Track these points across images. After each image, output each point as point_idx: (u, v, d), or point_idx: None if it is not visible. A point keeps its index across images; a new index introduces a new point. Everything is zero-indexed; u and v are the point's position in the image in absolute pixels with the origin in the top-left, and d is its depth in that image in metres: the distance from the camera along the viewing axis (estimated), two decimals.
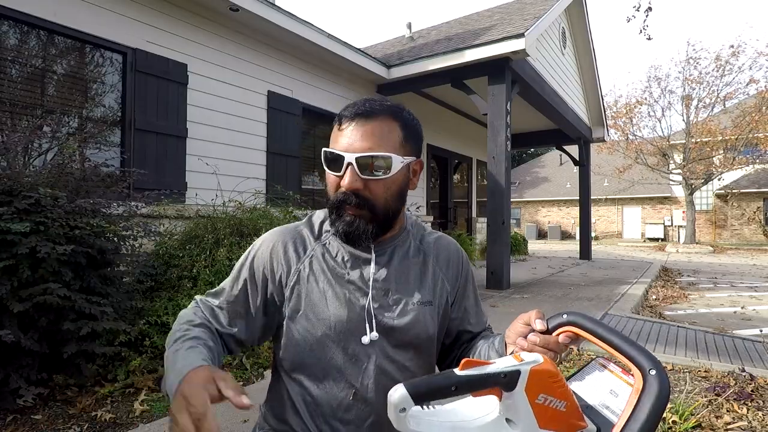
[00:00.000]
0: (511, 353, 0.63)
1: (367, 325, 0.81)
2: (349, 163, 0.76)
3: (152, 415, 2.06)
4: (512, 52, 5.34)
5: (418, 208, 7.44)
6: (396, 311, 0.83)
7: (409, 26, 9.20)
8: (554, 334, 0.66)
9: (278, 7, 4.90)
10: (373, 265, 0.85)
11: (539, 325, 0.68)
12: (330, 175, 0.81)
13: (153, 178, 3.89)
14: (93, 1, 3.63)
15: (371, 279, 0.84)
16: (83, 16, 3.57)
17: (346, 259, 0.85)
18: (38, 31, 3.43)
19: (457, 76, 5.93)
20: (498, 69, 5.58)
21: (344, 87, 6.24)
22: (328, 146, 0.82)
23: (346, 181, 0.77)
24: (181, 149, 4.23)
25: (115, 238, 2.51)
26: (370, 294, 0.83)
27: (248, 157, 4.90)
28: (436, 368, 0.94)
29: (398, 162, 0.79)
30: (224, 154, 4.61)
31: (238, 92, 4.81)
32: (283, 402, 0.86)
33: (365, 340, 0.80)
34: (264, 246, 0.89)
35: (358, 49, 5.99)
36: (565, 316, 0.66)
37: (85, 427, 1.92)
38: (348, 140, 0.78)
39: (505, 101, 5.49)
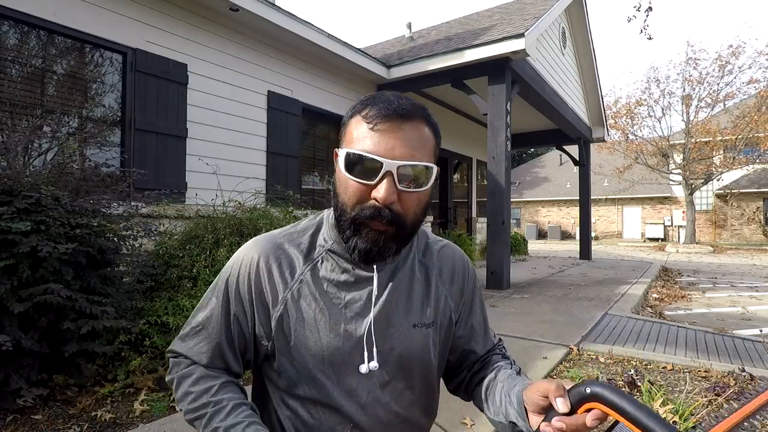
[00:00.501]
0: None
1: (366, 354, 0.73)
2: (389, 172, 0.65)
3: (152, 415, 2.06)
4: (512, 52, 5.34)
5: None
6: (395, 336, 0.75)
7: (409, 26, 9.20)
8: (578, 411, 0.59)
9: (278, 7, 4.90)
10: (375, 286, 0.75)
11: (562, 406, 0.59)
12: (351, 181, 0.67)
13: (153, 178, 3.89)
14: (93, 1, 3.63)
15: (372, 303, 0.74)
16: (83, 16, 3.57)
17: (341, 280, 0.75)
18: (38, 31, 3.43)
19: (457, 76, 5.93)
20: (498, 69, 5.58)
21: (344, 87, 6.24)
22: (341, 146, 0.71)
23: (382, 194, 0.64)
24: (181, 149, 4.23)
25: (115, 238, 2.51)
26: (371, 320, 0.73)
27: (248, 157, 4.90)
28: (438, 387, 0.87)
29: (435, 173, 0.70)
30: (224, 154, 4.61)
31: (238, 92, 4.81)
32: (272, 427, 0.78)
33: (363, 369, 0.73)
34: (244, 266, 0.76)
35: (358, 49, 5.99)
36: (588, 389, 0.58)
37: (85, 427, 1.92)
38: (386, 144, 0.65)
39: (505, 101, 5.49)
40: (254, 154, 4.98)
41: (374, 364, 0.73)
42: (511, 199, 10.36)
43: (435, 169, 0.69)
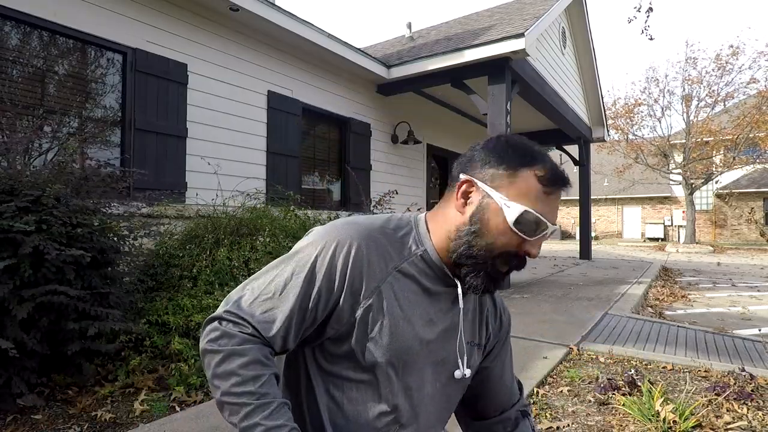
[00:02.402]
0: None
1: (460, 360, 0.82)
2: (547, 233, 0.73)
3: (152, 415, 2.06)
4: (512, 52, 5.34)
5: (419, 209, 7.44)
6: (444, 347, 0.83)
7: (409, 26, 9.20)
8: None
9: (278, 7, 4.90)
10: (461, 299, 0.81)
11: None
12: (511, 233, 0.72)
13: (153, 178, 3.89)
14: (93, 1, 3.63)
15: (461, 313, 0.82)
16: (83, 16, 3.57)
17: (425, 285, 0.79)
18: (38, 31, 3.43)
19: (457, 76, 5.93)
20: (498, 69, 5.58)
21: (344, 87, 6.24)
22: (501, 190, 0.73)
23: (536, 252, 0.73)
24: (181, 149, 4.23)
25: (115, 238, 2.51)
26: (461, 330, 0.82)
27: (248, 157, 4.90)
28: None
29: None
30: (224, 153, 4.61)
31: (238, 92, 4.81)
32: (302, 412, 0.79)
33: (458, 374, 0.82)
34: (341, 248, 0.74)
35: (358, 49, 5.99)
36: None
37: (85, 427, 1.92)
38: (552, 210, 0.74)
39: (505, 101, 5.49)
40: (254, 154, 4.98)
41: (468, 370, 0.82)
42: None
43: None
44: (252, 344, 0.70)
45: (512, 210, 0.71)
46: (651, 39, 5.24)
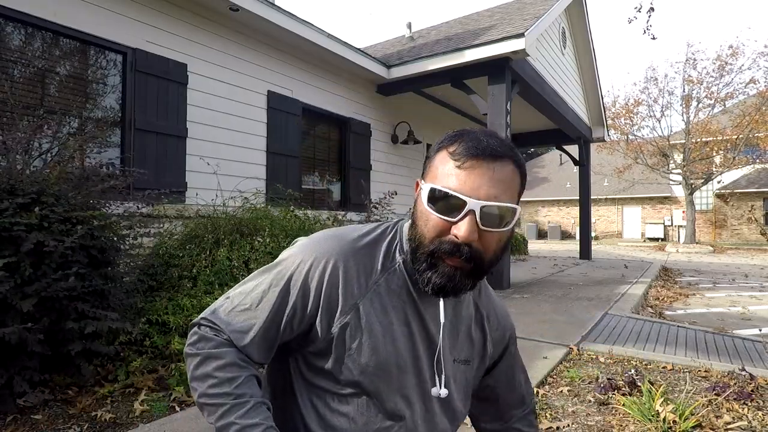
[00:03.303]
0: None
1: (437, 377, 0.75)
2: (471, 211, 0.65)
3: (152, 415, 2.06)
4: (512, 52, 5.34)
5: None
6: (450, 364, 0.79)
7: (409, 26, 9.20)
8: None
9: (278, 7, 4.90)
10: (442, 313, 0.76)
11: None
12: (432, 215, 0.67)
13: (153, 177, 3.89)
14: (93, 1, 3.63)
15: (441, 329, 0.76)
16: (83, 16, 3.57)
17: (412, 297, 0.76)
18: (38, 32, 3.43)
19: (457, 76, 5.93)
20: (498, 69, 5.58)
21: (344, 87, 6.25)
22: (424, 178, 0.71)
23: (463, 232, 0.65)
24: (181, 149, 4.23)
25: (115, 237, 2.51)
26: (440, 346, 0.76)
27: (248, 156, 4.90)
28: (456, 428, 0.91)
29: (518, 214, 0.70)
30: (224, 153, 4.61)
31: (238, 92, 4.81)
32: (287, 424, 0.78)
33: (434, 392, 0.75)
34: (317, 265, 0.72)
35: (358, 49, 5.99)
36: None
37: (85, 427, 1.92)
38: (472, 183, 0.65)
39: (505, 101, 5.49)
40: (254, 154, 4.98)
41: (445, 390, 0.75)
42: None
43: (518, 210, 0.69)
44: (229, 347, 0.71)
45: (424, 190, 0.69)
46: (653, 38, 5.25)
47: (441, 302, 0.76)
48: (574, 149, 10.51)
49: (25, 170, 2.35)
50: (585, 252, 10.34)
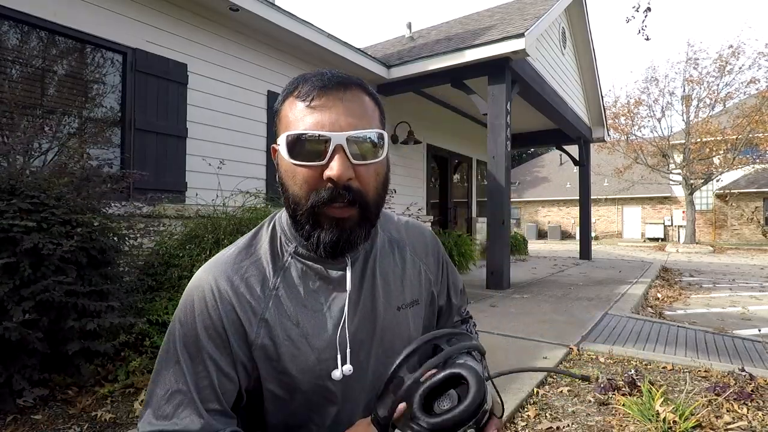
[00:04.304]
0: None
1: (339, 356, 0.66)
2: (339, 146, 0.59)
3: None
4: (512, 52, 5.34)
5: (419, 209, 7.44)
6: (384, 325, 0.72)
7: (409, 26, 9.20)
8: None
9: (278, 7, 4.90)
10: (349, 282, 0.68)
11: None
12: (298, 168, 0.61)
13: (153, 178, 3.89)
14: (93, 1, 3.63)
15: (347, 302, 0.68)
16: (83, 16, 3.57)
17: (316, 284, 0.69)
18: (38, 31, 3.43)
19: (457, 76, 5.93)
20: (498, 69, 5.58)
21: None
22: (277, 136, 0.64)
23: (336, 170, 0.58)
24: (181, 149, 4.23)
25: (115, 238, 2.51)
26: (344, 319, 0.67)
27: (248, 156, 4.91)
28: None
29: (387, 141, 0.64)
30: (224, 153, 4.61)
31: (238, 92, 4.81)
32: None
33: (336, 375, 0.66)
34: (201, 300, 0.65)
35: (358, 49, 5.99)
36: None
37: (85, 427, 1.92)
38: (329, 117, 0.59)
39: (505, 101, 5.49)
40: (254, 154, 4.98)
41: (348, 367, 0.66)
42: (511, 199, 10.36)
43: (386, 136, 0.64)
44: None
45: (281, 144, 0.62)
46: (647, 39, 5.26)
47: (348, 271, 0.69)
48: (574, 149, 10.52)
49: (25, 170, 2.35)
50: (585, 252, 10.34)
